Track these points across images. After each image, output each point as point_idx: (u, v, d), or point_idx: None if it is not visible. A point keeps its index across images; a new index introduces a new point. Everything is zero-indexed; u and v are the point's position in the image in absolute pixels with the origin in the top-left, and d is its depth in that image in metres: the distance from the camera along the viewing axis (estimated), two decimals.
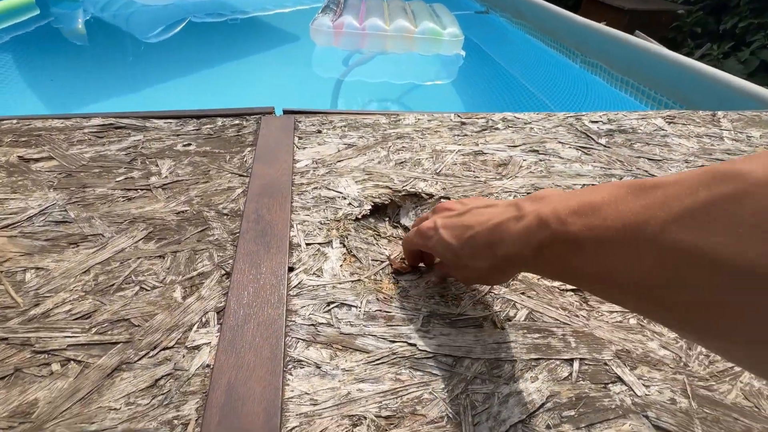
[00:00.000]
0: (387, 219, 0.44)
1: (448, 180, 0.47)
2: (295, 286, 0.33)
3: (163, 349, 0.28)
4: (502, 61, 1.98)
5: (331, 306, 0.32)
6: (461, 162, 0.50)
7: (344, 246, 0.38)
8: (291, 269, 0.35)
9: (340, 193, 0.44)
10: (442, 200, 0.34)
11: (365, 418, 0.25)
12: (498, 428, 0.25)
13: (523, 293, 0.34)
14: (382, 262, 0.37)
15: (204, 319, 0.30)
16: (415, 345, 0.30)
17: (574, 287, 0.35)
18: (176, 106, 0.57)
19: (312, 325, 0.30)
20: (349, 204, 0.42)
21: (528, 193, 0.47)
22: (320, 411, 0.25)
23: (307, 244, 0.37)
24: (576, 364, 0.29)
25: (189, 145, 0.49)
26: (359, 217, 0.41)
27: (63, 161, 0.45)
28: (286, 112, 0.59)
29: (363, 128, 0.56)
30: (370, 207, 0.42)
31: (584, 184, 0.48)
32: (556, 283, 0.35)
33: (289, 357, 0.28)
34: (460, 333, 0.31)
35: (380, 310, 0.32)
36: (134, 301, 0.31)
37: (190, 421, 0.24)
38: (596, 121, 0.63)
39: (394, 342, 0.30)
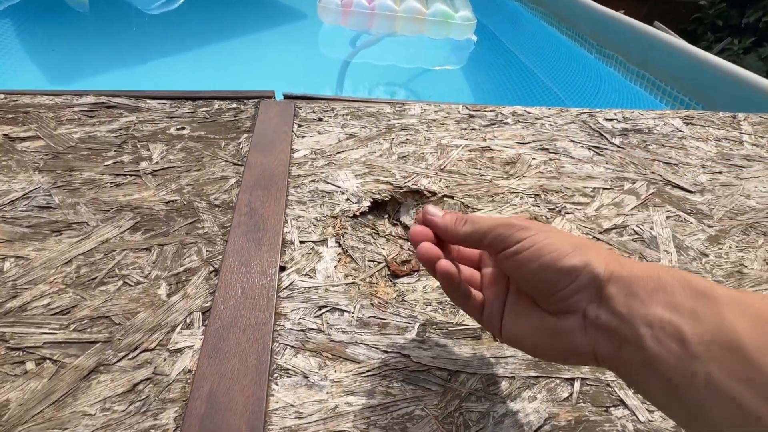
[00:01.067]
0: (386, 216, 0.42)
1: (452, 177, 0.45)
2: (285, 287, 0.32)
3: (144, 351, 0.27)
4: (514, 48, 1.92)
5: (323, 310, 0.30)
6: (467, 158, 0.48)
7: (340, 245, 0.36)
8: (282, 269, 0.33)
9: (339, 187, 0.42)
10: None
11: None
12: None
13: None
14: (379, 263, 0.36)
15: (188, 320, 0.29)
16: (408, 356, 0.28)
17: None
18: (174, 81, 0.55)
19: (302, 330, 0.29)
20: (348, 199, 0.40)
21: (536, 195, 0.44)
22: (305, 425, 0.24)
23: (301, 242, 0.35)
24: (577, 384, 0.28)
25: (183, 128, 0.47)
26: (357, 214, 0.39)
27: (50, 141, 0.43)
28: (286, 96, 0.56)
29: (366, 117, 0.53)
30: (369, 203, 0.40)
31: (594, 188, 0.46)
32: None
33: (276, 365, 0.27)
34: (457, 344, 0.29)
35: (374, 317, 0.31)
36: (116, 296, 0.30)
37: (168, 431, 0.23)
38: (611, 119, 0.60)
39: (387, 353, 0.28)
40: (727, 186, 0.49)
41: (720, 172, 0.51)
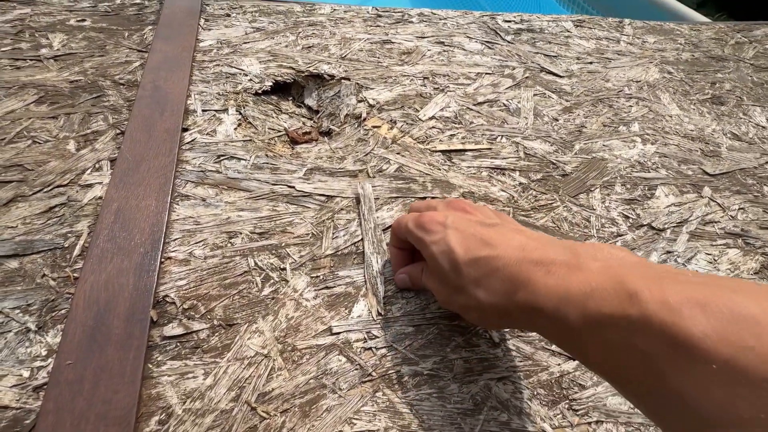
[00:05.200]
0: (291, 98, 0.47)
1: (351, 64, 0.49)
2: (187, 143, 0.36)
3: (57, 186, 0.31)
4: None
5: (222, 158, 0.36)
6: (367, 49, 0.52)
7: (240, 114, 0.40)
8: (185, 130, 0.37)
9: (242, 70, 0.45)
10: (450, 198, 0.33)
11: (241, 233, 0.31)
12: (351, 240, 0.32)
13: (398, 153, 0.40)
14: (279, 131, 0.41)
15: (97, 166, 0.33)
16: (294, 187, 0.35)
17: (444, 149, 0.41)
18: None
19: (201, 171, 0.34)
20: (250, 80, 0.44)
21: (425, 78, 0.50)
22: (202, 228, 0.30)
23: (204, 111, 0.40)
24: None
25: (83, 21, 0.47)
26: (259, 92, 0.43)
27: None
28: None
29: (275, 15, 0.55)
30: (271, 83, 0.44)
31: (478, 72, 0.52)
32: (429, 145, 0.41)
33: (177, 193, 0.32)
34: (336, 180, 0.36)
35: (267, 163, 0.36)
36: (27, 151, 0.33)
37: (82, 234, 0.28)
38: (509, 21, 0.66)
39: (275, 185, 0.35)
40: (593, 72, 0.57)
41: (591, 63, 0.60)
